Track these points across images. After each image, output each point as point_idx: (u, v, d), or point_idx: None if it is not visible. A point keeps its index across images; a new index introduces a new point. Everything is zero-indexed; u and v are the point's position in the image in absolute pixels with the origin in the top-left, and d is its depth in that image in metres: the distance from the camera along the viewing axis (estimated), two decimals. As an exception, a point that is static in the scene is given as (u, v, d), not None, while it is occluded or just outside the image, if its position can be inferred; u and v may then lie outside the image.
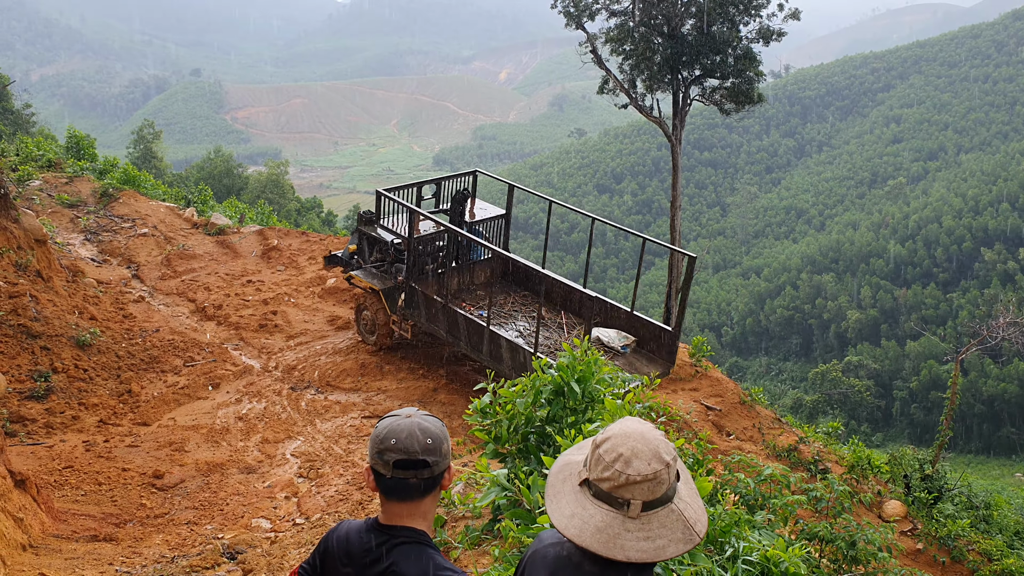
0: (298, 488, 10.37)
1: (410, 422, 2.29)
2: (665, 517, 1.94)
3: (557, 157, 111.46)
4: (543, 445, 5.82)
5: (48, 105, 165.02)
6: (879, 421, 49.59)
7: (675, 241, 23.65)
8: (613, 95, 24.33)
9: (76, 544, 8.29)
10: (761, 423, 12.75)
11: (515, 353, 11.87)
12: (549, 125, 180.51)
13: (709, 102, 23.69)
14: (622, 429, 1.98)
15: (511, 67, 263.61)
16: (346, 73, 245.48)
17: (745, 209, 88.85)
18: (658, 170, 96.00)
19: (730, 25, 22.49)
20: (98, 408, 12.44)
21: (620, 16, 23.56)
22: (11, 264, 14.36)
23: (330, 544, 2.48)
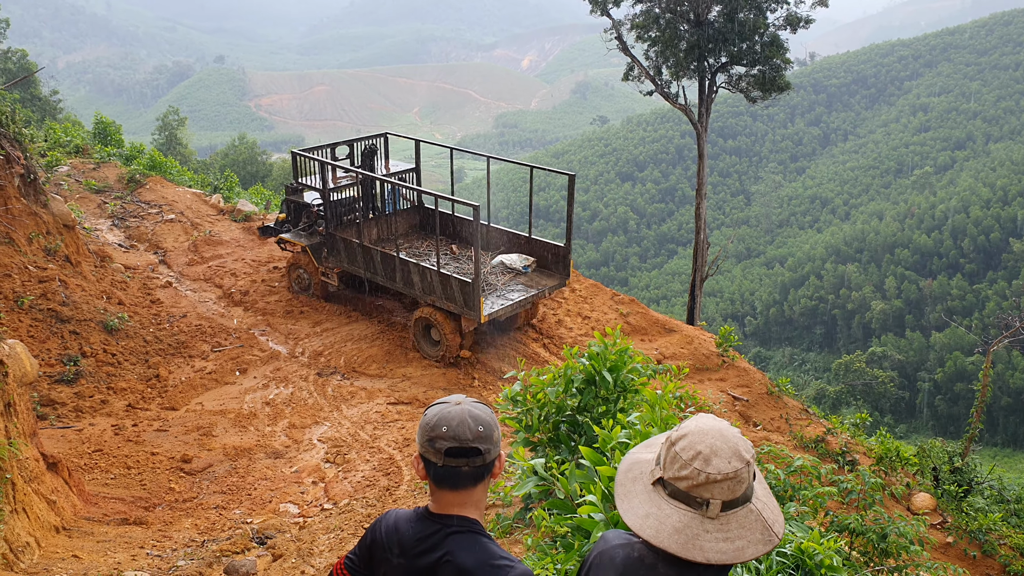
0: (325, 473, 10.42)
1: (460, 409, 2.26)
2: (744, 517, 1.87)
3: (579, 145, 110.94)
4: (574, 434, 5.80)
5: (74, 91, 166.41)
6: (903, 412, 49.18)
7: (700, 230, 23.49)
8: (638, 82, 24.17)
9: (107, 527, 8.37)
10: (788, 414, 12.66)
11: (424, 275, 13.31)
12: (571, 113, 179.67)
13: (735, 89, 23.48)
14: (698, 426, 1.90)
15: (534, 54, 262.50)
16: (368, 60, 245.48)
17: (769, 198, 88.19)
18: (681, 158, 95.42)
19: (757, 12, 22.25)
20: (126, 392, 12.55)
21: (646, 2, 23.38)
22: (40, 249, 14.49)
23: (378, 534, 2.44)
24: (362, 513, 8.36)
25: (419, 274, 13.45)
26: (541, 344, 14.32)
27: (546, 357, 13.73)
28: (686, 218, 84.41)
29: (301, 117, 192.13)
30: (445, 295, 13.12)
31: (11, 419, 7.42)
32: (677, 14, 22.76)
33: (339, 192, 15.08)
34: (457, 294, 12.91)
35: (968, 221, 63.94)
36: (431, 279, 13.22)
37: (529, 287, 13.86)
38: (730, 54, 22.45)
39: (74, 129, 25.53)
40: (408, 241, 15.70)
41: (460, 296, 12.87)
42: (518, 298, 13.48)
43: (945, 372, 49.23)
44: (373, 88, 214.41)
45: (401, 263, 13.71)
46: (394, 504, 8.59)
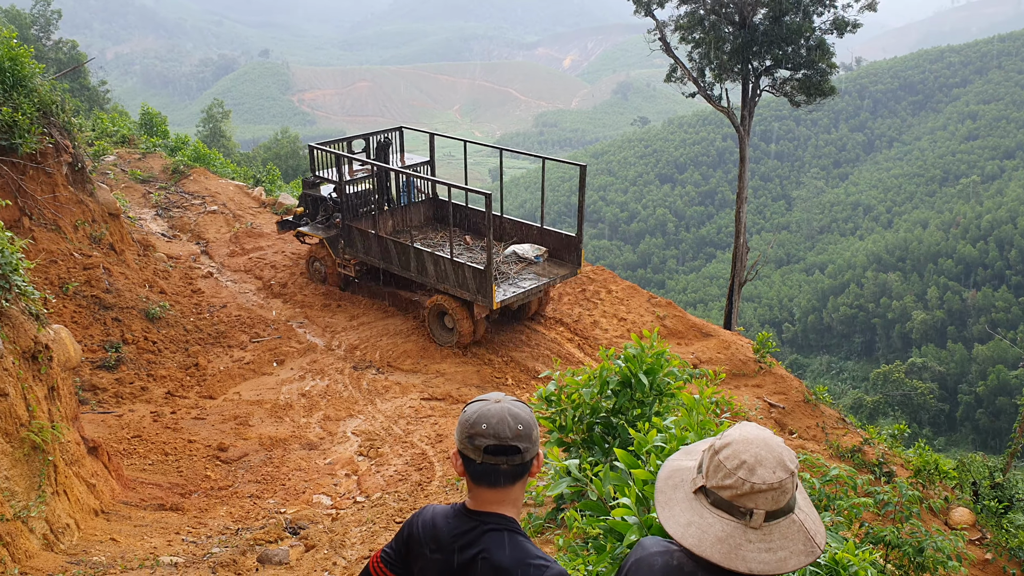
0: (358, 466, 10.50)
1: (500, 407, 2.26)
2: (787, 528, 1.85)
3: (619, 145, 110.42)
4: (607, 436, 5.78)
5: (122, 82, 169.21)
6: (942, 425, 48.31)
7: (740, 234, 23.29)
8: (680, 84, 24.03)
9: (144, 512, 8.51)
10: (825, 422, 12.51)
11: (437, 263, 13.73)
12: (612, 113, 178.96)
13: (779, 93, 23.25)
14: (743, 434, 1.88)
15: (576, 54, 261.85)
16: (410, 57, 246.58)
17: (811, 204, 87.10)
18: (722, 161, 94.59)
19: (803, 15, 22.00)
20: (166, 380, 12.75)
21: (691, 3, 23.22)
22: (86, 236, 14.76)
23: (415, 529, 2.45)
24: (394, 507, 8.41)
25: (433, 262, 13.85)
26: (576, 345, 14.30)
27: (580, 358, 13.70)
28: (726, 222, 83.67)
29: (343, 112, 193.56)
30: (458, 283, 13.51)
31: (54, 403, 7.57)
32: (722, 16, 22.59)
33: (355, 184, 15.44)
34: (470, 281, 13.29)
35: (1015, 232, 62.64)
36: (444, 267, 13.62)
37: (541, 276, 14.23)
38: (775, 57, 22.22)
39: (121, 119, 25.98)
40: (423, 233, 16.05)
41: (473, 283, 13.25)
42: (529, 286, 13.84)
43: (987, 385, 48.26)
44: (415, 85, 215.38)
45: (415, 252, 14.11)
46: (426, 500, 8.63)
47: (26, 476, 6.57)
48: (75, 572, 6.16)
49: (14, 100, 13.05)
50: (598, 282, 15.99)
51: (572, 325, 14.85)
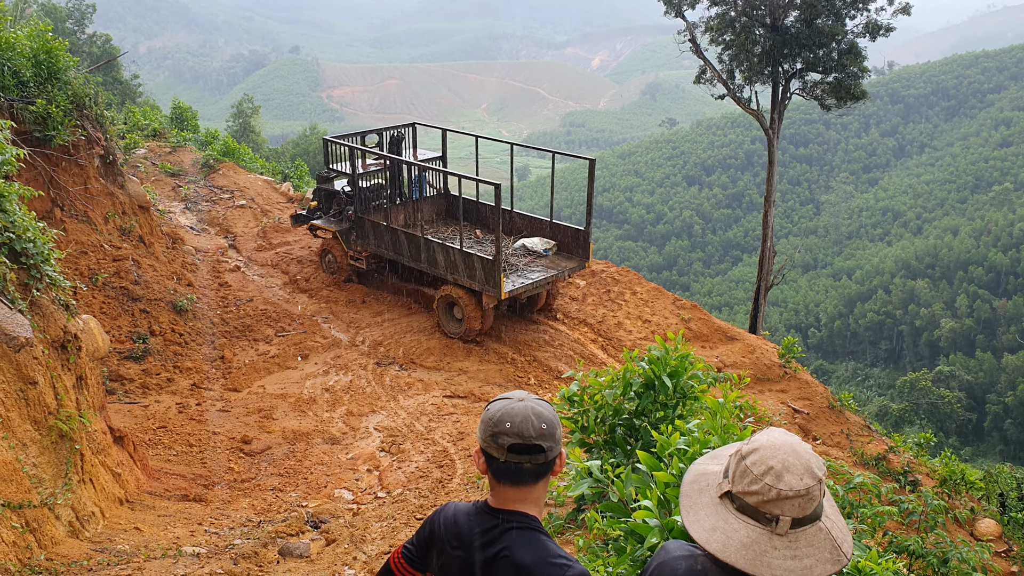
0: (380, 462, 10.54)
1: (523, 406, 2.25)
2: (813, 536, 1.83)
3: (647, 146, 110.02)
4: (630, 438, 5.76)
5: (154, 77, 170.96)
6: (969, 435, 47.70)
7: (767, 238, 23.13)
8: (710, 85, 23.92)
9: (168, 502, 8.60)
10: (849, 429, 12.40)
11: (447, 254, 13.99)
12: (640, 114, 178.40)
13: (809, 96, 23.07)
14: (770, 440, 1.87)
15: (605, 54, 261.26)
16: (439, 55, 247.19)
17: (839, 208, 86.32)
18: (751, 164, 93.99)
19: (835, 18, 21.80)
20: (192, 372, 12.87)
21: (721, 5, 23.10)
22: (116, 228, 14.93)
23: (436, 525, 2.45)
24: (415, 504, 8.44)
25: (443, 253, 14.10)
26: (599, 346, 14.27)
27: (604, 359, 13.67)
28: (753, 225, 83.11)
29: (371, 110, 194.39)
30: (467, 273, 13.75)
31: (82, 392, 7.66)
32: (753, 18, 22.44)
33: (367, 178, 15.80)
34: (478, 271, 13.53)
35: (1049, 241, 61.81)
36: (454, 257, 13.89)
37: (549, 268, 14.43)
38: (806, 60, 22.04)
39: (152, 113, 26.25)
40: (434, 227, 16.24)
41: (481, 273, 13.49)
42: (537, 278, 14.02)
43: (1016, 395, 47.58)
44: (443, 83, 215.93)
45: (425, 243, 14.38)
46: (447, 497, 8.65)
47: (53, 464, 6.66)
48: (99, 560, 6.23)
49: (48, 92, 13.22)
50: (623, 283, 15.95)
51: (596, 326, 14.82)
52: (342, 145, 15.99)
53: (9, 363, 6.31)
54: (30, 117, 12.98)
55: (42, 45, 13.20)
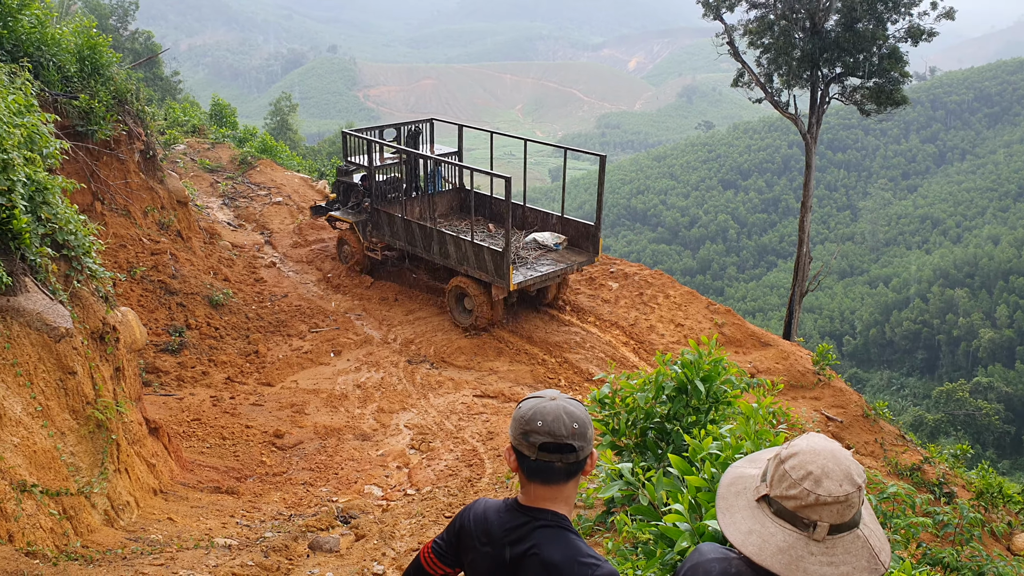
0: (409, 459, 10.58)
1: (555, 405, 2.25)
2: (851, 543, 1.82)
3: (682, 149, 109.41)
4: (661, 441, 5.73)
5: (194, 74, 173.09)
6: (1007, 448, 46.82)
7: (803, 243, 22.90)
8: (747, 89, 23.75)
9: (200, 494, 8.70)
10: (884, 439, 12.23)
11: (458, 246, 14.32)
12: (676, 116, 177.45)
13: (848, 101, 22.82)
14: (810, 445, 1.86)
15: (641, 56, 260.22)
16: (476, 55, 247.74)
17: (877, 215, 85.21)
18: (787, 168, 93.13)
19: (877, 22, 21.53)
20: (226, 366, 13.01)
21: (761, 8, 22.92)
22: (155, 223, 15.14)
23: (466, 521, 2.46)
24: (444, 502, 8.46)
25: (454, 245, 14.44)
26: (631, 349, 14.21)
27: (635, 362, 13.61)
28: (788, 230, 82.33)
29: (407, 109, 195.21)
30: (478, 265, 14.06)
31: (119, 383, 7.78)
32: (792, 21, 22.24)
33: (384, 171, 16.22)
34: (488, 263, 13.84)
35: (1093, 251, 60.55)
36: (465, 249, 14.22)
37: (559, 262, 14.71)
38: (845, 65, 21.80)
39: (192, 110, 26.57)
40: (448, 220, 16.63)
41: (491, 265, 13.79)
42: (546, 271, 14.30)
43: (1056, 409, 46.73)
44: (479, 83, 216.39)
45: (438, 235, 14.71)
46: (475, 496, 8.66)
47: (90, 453, 6.77)
48: (133, 548, 6.32)
49: (91, 88, 13.44)
50: (656, 287, 15.87)
51: (628, 329, 14.77)
52: (360, 138, 16.34)
53: (49, 353, 6.43)
54: (73, 112, 13.21)
55: (86, 41, 13.42)
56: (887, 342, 62.62)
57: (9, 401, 5.86)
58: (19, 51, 11.80)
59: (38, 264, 6.59)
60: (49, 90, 12.54)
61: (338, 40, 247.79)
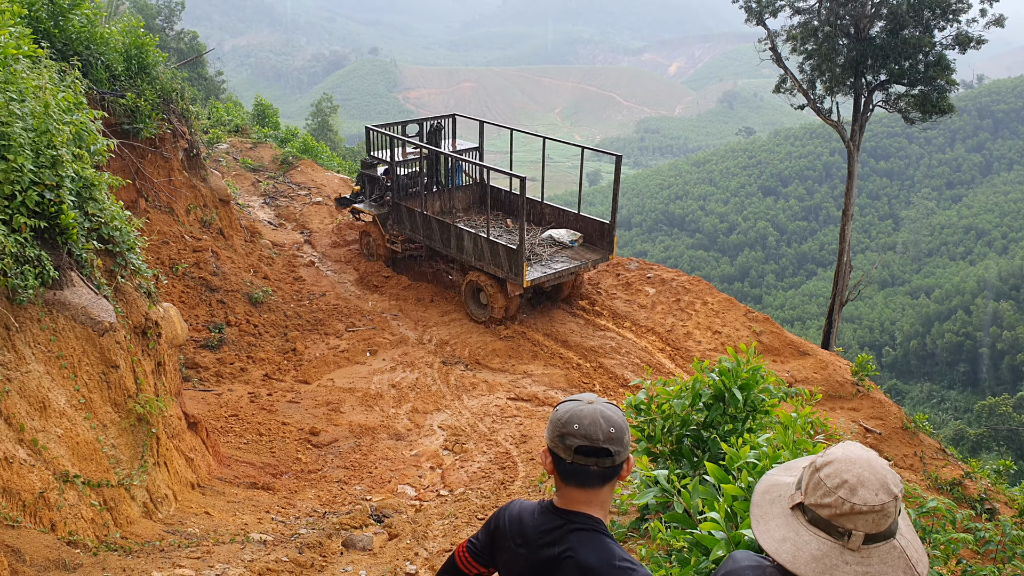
0: (443, 460, 10.62)
1: (592, 408, 2.25)
2: (887, 553, 1.80)
3: (722, 155, 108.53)
4: (697, 449, 5.69)
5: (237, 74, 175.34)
6: (1051, 465, 45.83)
7: (843, 252, 22.62)
8: (789, 95, 23.50)
9: (237, 489, 8.80)
10: (923, 452, 12.03)
11: (475, 242, 14.65)
12: (716, 122, 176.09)
13: (893, 109, 22.47)
14: (846, 454, 1.84)
15: (682, 60, 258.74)
16: (516, 59, 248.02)
17: (920, 225, 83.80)
18: (828, 176, 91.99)
19: (924, 29, 21.18)
20: (264, 363, 13.16)
21: (805, 14, 22.68)
22: (197, 220, 15.35)
23: (502, 522, 2.48)
24: (476, 503, 8.48)
25: (471, 241, 14.80)
26: (667, 355, 14.13)
27: (671, 369, 13.54)
28: (829, 239, 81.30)
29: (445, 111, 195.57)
30: (493, 261, 14.39)
31: (160, 378, 7.90)
32: (837, 28, 21.97)
33: (406, 166, 16.59)
34: (503, 260, 14.16)
35: None
36: (481, 246, 14.57)
37: (573, 259, 15.03)
38: (890, 72, 21.48)
39: (235, 109, 26.92)
40: (468, 215, 17.05)
41: (506, 262, 14.11)
42: (560, 268, 14.59)
43: (1103, 426, 45.57)
44: (518, 86, 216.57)
45: (456, 231, 15.09)
46: (508, 498, 8.66)
47: (130, 446, 6.88)
48: (171, 541, 6.41)
49: (138, 87, 13.67)
50: (694, 293, 15.77)
51: (664, 335, 14.69)
52: (383, 134, 16.67)
53: (93, 346, 6.55)
54: (120, 110, 13.45)
55: (134, 41, 13.66)
56: (928, 354, 61.55)
57: (54, 393, 5.98)
58: (69, 50, 12.04)
59: (84, 259, 6.72)
60: (97, 88, 12.77)
61: (379, 42, 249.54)
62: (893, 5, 21.01)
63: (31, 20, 10.95)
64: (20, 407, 5.58)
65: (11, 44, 6.32)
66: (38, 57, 7.26)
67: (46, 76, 6.75)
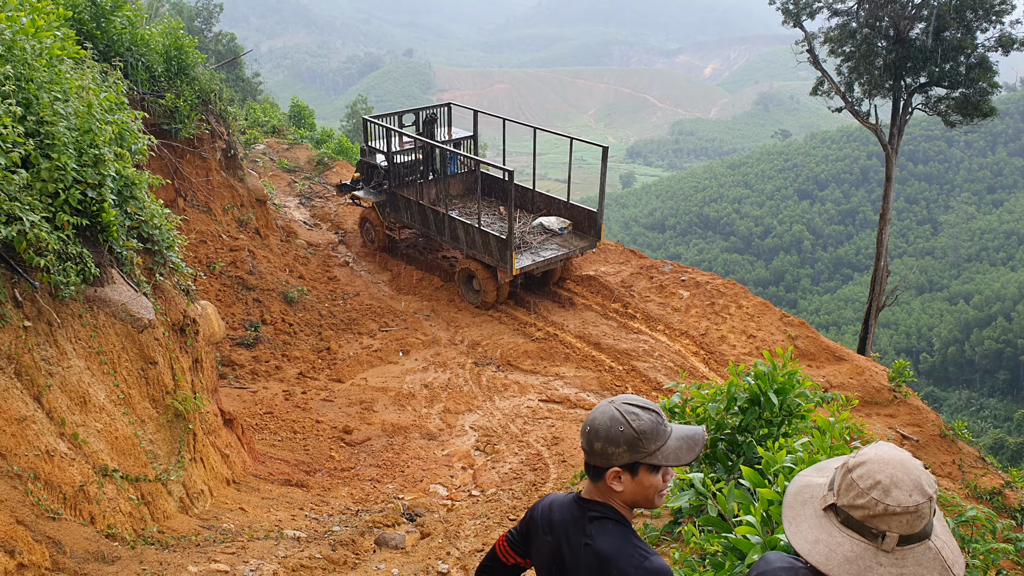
0: (474, 460, 10.63)
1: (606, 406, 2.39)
2: (921, 555, 1.78)
3: (757, 158, 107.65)
4: (731, 453, 5.65)
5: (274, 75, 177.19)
6: (1093, 475, 44.82)
7: (880, 257, 22.33)
8: (827, 98, 23.24)
9: (271, 485, 8.88)
10: (962, 460, 11.83)
11: (467, 231, 15.24)
12: (752, 124, 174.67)
13: (933, 112, 22.15)
14: (878, 454, 1.82)
15: (717, 62, 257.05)
16: (550, 61, 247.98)
17: (959, 230, 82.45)
18: (866, 179, 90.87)
19: (965, 31, 20.84)
20: (299, 361, 13.27)
21: (843, 16, 22.43)
22: (234, 220, 15.52)
23: (536, 512, 2.61)
24: (508, 504, 8.48)
25: (463, 230, 15.38)
26: (701, 359, 14.04)
27: (705, 372, 13.44)
28: (865, 243, 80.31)
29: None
30: (484, 250, 15.00)
31: (197, 375, 8.00)
32: (875, 29, 21.69)
33: (402, 155, 17.07)
34: (494, 249, 14.77)
35: None
36: (472, 234, 15.14)
37: (562, 247, 15.63)
38: (931, 74, 21.16)
39: (272, 111, 27.20)
40: (463, 202, 17.54)
41: (496, 251, 14.74)
42: (549, 256, 15.21)
43: None
44: (551, 88, 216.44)
45: (449, 220, 15.66)
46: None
47: (168, 441, 6.98)
48: (206, 536, 6.49)
49: (177, 87, 13.86)
50: (728, 296, 15.65)
51: (698, 339, 14.59)
52: (379, 125, 17.17)
53: (132, 343, 6.64)
54: (159, 110, 13.64)
55: (173, 42, 13.85)
56: (967, 361, 60.54)
57: (94, 388, 6.07)
58: (111, 51, 12.24)
59: (124, 256, 6.82)
60: (137, 89, 12.97)
61: (414, 44, 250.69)
62: (934, 6, 20.70)
63: (75, 22, 11.15)
64: (61, 401, 5.68)
65: (56, 46, 6.44)
66: (81, 58, 7.39)
67: (89, 77, 6.87)
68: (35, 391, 5.44)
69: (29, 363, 5.41)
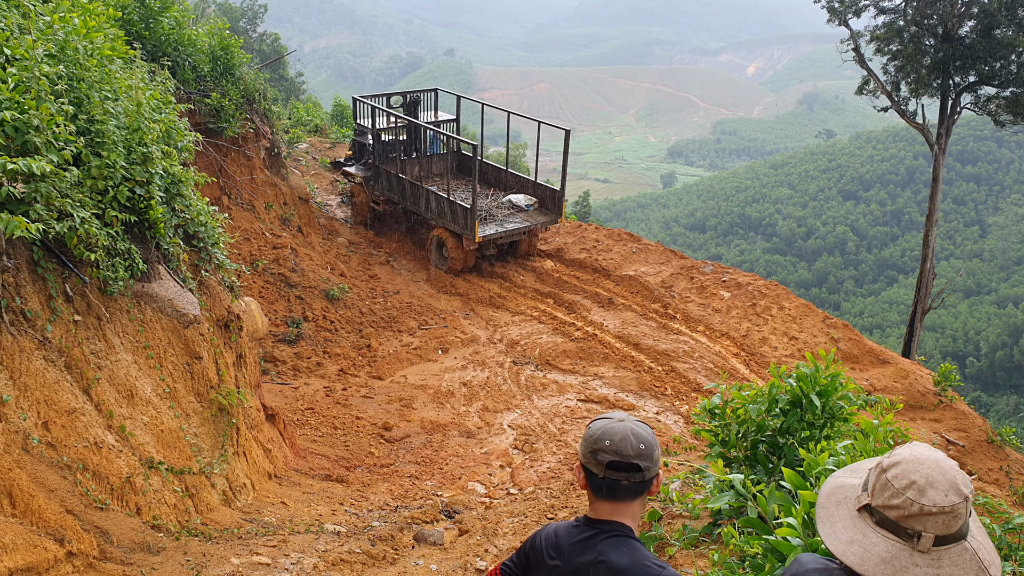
0: (512, 459, 10.65)
1: (623, 426, 2.37)
2: (958, 556, 1.76)
3: (801, 158, 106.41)
4: (772, 455, 5.60)
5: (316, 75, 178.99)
6: None
7: (927, 259, 21.94)
8: (872, 97, 22.90)
9: (312, 480, 8.99)
10: (1010, 467, 11.59)
11: (438, 201, 16.68)
12: (796, 124, 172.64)
13: (982, 111, 21.71)
14: (913, 454, 1.81)
15: (761, 62, 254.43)
16: (591, 60, 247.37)
17: (1009, 232, 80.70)
18: (912, 180, 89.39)
19: (1016, 28, 20.39)
20: (339, 358, 13.39)
21: (889, 14, 22.08)
22: (277, 218, 15.71)
23: (537, 541, 2.58)
24: (546, 503, 8.48)
25: (435, 200, 16.80)
26: (741, 360, 13.92)
27: (745, 374, 13.32)
28: (911, 244, 78.96)
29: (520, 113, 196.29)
30: (452, 219, 16.38)
31: (241, 370, 8.12)
32: (923, 28, 21.32)
33: (388, 133, 18.48)
34: (460, 218, 16.12)
35: None
36: (443, 205, 16.58)
37: (525, 220, 17.11)
38: (980, 73, 20.75)
39: (315, 110, 27.46)
40: (443, 179, 18.75)
41: (462, 220, 16.08)
42: (511, 227, 16.64)
43: None
44: (592, 88, 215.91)
45: (424, 191, 17.11)
46: (577, 500, 8.64)
47: (212, 435, 7.09)
48: (248, 529, 6.58)
49: (223, 87, 14.07)
50: (770, 298, 15.49)
51: (739, 340, 14.46)
52: (366, 104, 18.47)
53: (178, 338, 6.76)
54: (205, 109, 13.86)
55: (219, 42, 14.06)
56: (1015, 366, 59.25)
57: (141, 382, 6.19)
58: (159, 51, 12.46)
59: (171, 253, 6.95)
60: (184, 88, 13.19)
61: (455, 44, 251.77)
62: (985, 4, 20.29)
63: (124, 23, 11.38)
64: (109, 394, 5.80)
65: (106, 46, 6.58)
66: (131, 58, 7.53)
67: (138, 76, 7.01)
68: (84, 384, 5.56)
69: (79, 356, 5.53)
